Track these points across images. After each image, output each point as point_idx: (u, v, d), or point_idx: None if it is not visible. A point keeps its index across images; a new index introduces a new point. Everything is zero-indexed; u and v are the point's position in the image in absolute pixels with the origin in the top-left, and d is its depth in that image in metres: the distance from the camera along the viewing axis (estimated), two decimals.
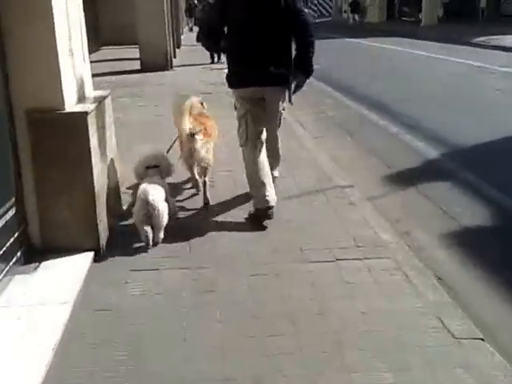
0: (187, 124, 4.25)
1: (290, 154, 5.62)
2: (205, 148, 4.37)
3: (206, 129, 4.42)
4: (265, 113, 4.18)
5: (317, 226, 4.01)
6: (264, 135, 4.22)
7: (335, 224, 4.04)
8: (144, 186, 3.74)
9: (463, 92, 10.25)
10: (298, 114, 8.61)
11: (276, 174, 4.64)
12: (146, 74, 13.24)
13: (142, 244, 3.70)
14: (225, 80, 4.29)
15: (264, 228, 3.99)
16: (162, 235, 3.74)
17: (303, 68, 4.11)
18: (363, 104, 9.49)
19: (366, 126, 7.91)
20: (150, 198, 3.63)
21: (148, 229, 3.65)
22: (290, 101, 4.30)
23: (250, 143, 4.14)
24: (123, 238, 3.83)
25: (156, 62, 13.79)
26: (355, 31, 29.45)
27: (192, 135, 4.27)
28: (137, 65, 14.13)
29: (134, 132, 6.86)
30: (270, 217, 4.06)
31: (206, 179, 4.46)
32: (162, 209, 3.68)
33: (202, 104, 4.84)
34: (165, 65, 14.03)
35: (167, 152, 4.36)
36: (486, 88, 10.60)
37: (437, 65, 14.46)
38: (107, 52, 19.52)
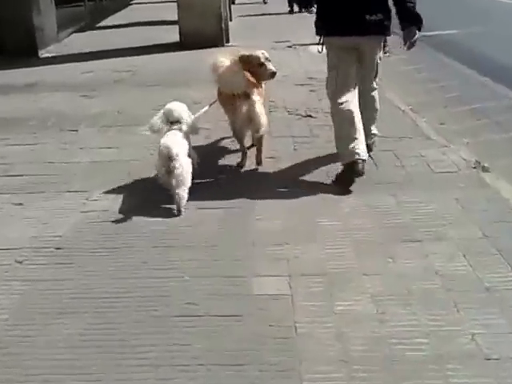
0: (243, 81, 3.82)
1: None
2: (262, 111, 3.87)
3: (257, 88, 3.94)
4: (359, 63, 3.92)
5: None
6: (356, 87, 3.90)
7: None
8: (165, 139, 3.45)
9: None
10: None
11: (374, 130, 4.22)
12: (189, 54, 8.34)
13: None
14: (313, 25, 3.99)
15: (349, 191, 3.66)
16: (186, 195, 3.41)
17: (410, 19, 3.80)
18: None
19: None
20: (173, 151, 3.35)
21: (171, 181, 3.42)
22: (385, 52, 4.14)
23: (340, 95, 3.83)
24: None
25: (204, 33, 8.85)
26: None
27: (247, 95, 3.78)
28: (176, 34, 9.20)
29: None
30: (359, 173, 3.70)
31: (262, 148, 4.06)
32: (186, 165, 3.44)
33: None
34: (218, 37, 9.04)
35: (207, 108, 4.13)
36: None
37: None
38: (139, 9, 14.55)
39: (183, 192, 3.39)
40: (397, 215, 3.38)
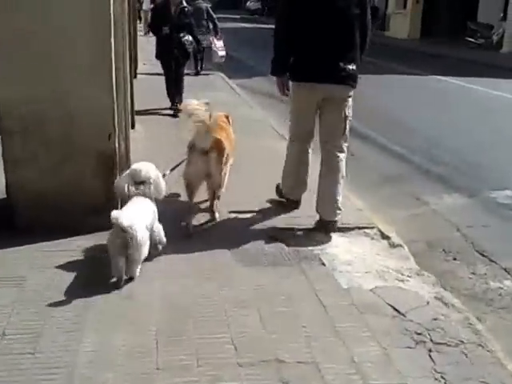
0: (203, 138, 3.74)
1: None
2: (219, 170, 3.83)
3: (220, 145, 3.86)
4: (325, 118, 4.03)
5: None
6: (312, 140, 4.20)
7: None
8: (121, 210, 3.27)
9: None
10: None
11: (339, 203, 3.98)
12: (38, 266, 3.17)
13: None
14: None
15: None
16: (138, 270, 3.19)
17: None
18: None
19: None
20: (126, 223, 3.04)
21: (122, 261, 3.13)
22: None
23: (298, 141, 4.15)
24: None
25: (68, 191, 3.67)
26: (413, 58, 17.88)
27: (206, 153, 3.73)
28: None
29: None
30: (296, 206, 4.31)
31: (216, 203, 4.04)
32: (141, 238, 3.13)
33: (227, 118, 4.33)
34: (103, 196, 3.78)
35: (171, 170, 3.98)
36: None
37: None
38: None
39: (135, 268, 3.17)
40: None
